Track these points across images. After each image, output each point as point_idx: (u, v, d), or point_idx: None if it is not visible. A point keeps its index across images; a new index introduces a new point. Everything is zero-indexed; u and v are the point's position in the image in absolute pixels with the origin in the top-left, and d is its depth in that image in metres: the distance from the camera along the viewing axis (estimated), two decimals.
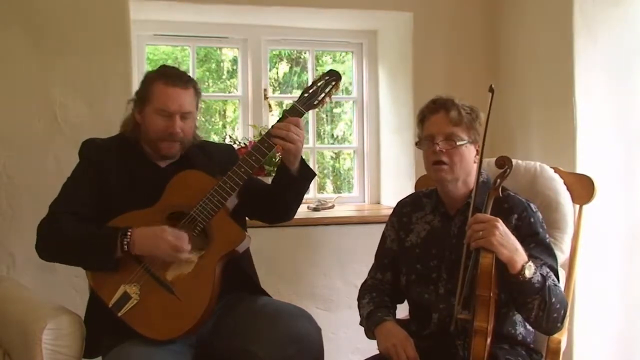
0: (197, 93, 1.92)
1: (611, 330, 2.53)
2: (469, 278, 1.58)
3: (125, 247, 1.70)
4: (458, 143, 1.73)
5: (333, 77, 1.88)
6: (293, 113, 1.82)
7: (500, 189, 1.68)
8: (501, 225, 1.55)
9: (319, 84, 1.87)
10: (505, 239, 1.54)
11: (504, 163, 1.70)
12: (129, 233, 1.70)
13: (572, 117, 2.45)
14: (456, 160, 1.73)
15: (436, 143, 1.73)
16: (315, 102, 1.86)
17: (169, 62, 3.58)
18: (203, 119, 3.75)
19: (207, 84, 4.00)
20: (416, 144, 1.85)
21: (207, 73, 4.30)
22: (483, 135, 1.68)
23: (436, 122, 1.76)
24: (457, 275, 1.65)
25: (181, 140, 1.87)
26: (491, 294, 1.52)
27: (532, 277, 1.54)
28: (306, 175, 1.87)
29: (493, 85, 1.66)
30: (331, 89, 1.87)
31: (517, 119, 2.82)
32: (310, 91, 1.86)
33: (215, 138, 3.64)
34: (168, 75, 1.87)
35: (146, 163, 1.91)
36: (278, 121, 1.83)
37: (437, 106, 1.78)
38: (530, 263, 1.55)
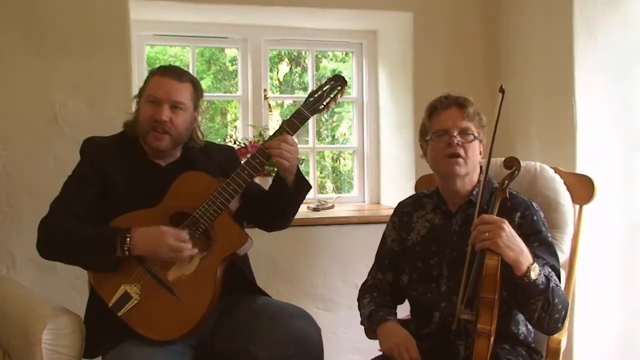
0: (196, 90, 1.91)
1: (611, 330, 2.53)
2: (473, 279, 1.58)
3: (126, 250, 1.69)
4: (472, 137, 1.75)
5: (339, 82, 1.88)
6: (296, 118, 1.82)
7: (507, 190, 1.68)
8: (507, 226, 1.55)
9: (324, 89, 1.87)
10: (511, 241, 1.54)
11: (512, 164, 1.70)
12: (128, 235, 1.70)
13: (572, 117, 2.45)
14: (470, 154, 1.75)
15: (453, 136, 1.74)
16: (320, 107, 1.86)
17: (177, 64, 3.58)
18: (205, 120, 3.76)
19: (215, 86, 4.02)
20: (423, 139, 1.85)
21: (213, 75, 4.31)
22: (492, 134, 1.68)
23: (450, 117, 1.77)
24: (459, 273, 1.65)
25: (170, 132, 1.83)
26: (495, 297, 1.52)
27: (536, 279, 1.54)
28: (301, 187, 1.89)
29: (504, 86, 1.67)
30: (337, 93, 1.88)
31: (517, 119, 2.81)
32: (316, 95, 1.87)
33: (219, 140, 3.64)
34: (165, 68, 1.91)
35: (146, 162, 1.91)
36: (272, 135, 1.84)
37: (450, 102, 1.79)
38: (536, 264, 1.55)
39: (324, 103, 1.86)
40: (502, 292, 1.59)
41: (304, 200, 1.98)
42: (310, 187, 1.93)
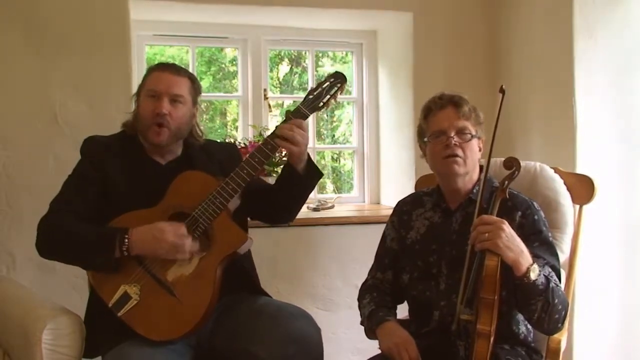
0: (194, 86, 1.92)
1: (611, 330, 2.53)
2: (473, 279, 1.58)
3: (125, 250, 1.69)
4: (470, 136, 1.75)
5: (338, 79, 1.85)
6: (297, 115, 1.80)
7: (507, 191, 1.68)
8: (507, 227, 1.55)
9: (323, 86, 1.84)
10: (511, 242, 1.54)
11: (512, 164, 1.70)
12: (126, 236, 1.69)
13: (572, 117, 2.45)
14: (468, 153, 1.74)
15: (451, 137, 1.73)
16: (320, 105, 1.83)
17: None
18: (205, 120, 3.76)
19: (215, 87, 4.02)
20: (421, 140, 1.85)
21: (213, 75, 4.32)
22: (493, 134, 1.67)
23: (447, 117, 1.76)
24: (458, 271, 1.65)
25: (168, 126, 1.83)
26: (495, 297, 1.52)
27: (536, 280, 1.54)
28: (312, 174, 1.85)
29: (504, 86, 1.67)
30: (336, 91, 1.84)
31: (517, 119, 2.82)
32: (315, 93, 1.84)
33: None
34: (163, 64, 1.93)
35: (147, 160, 1.91)
36: (282, 123, 1.81)
37: (444, 101, 1.79)
38: (535, 265, 1.55)
39: (324, 101, 1.83)
40: (502, 292, 1.59)
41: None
42: (321, 174, 1.88)
